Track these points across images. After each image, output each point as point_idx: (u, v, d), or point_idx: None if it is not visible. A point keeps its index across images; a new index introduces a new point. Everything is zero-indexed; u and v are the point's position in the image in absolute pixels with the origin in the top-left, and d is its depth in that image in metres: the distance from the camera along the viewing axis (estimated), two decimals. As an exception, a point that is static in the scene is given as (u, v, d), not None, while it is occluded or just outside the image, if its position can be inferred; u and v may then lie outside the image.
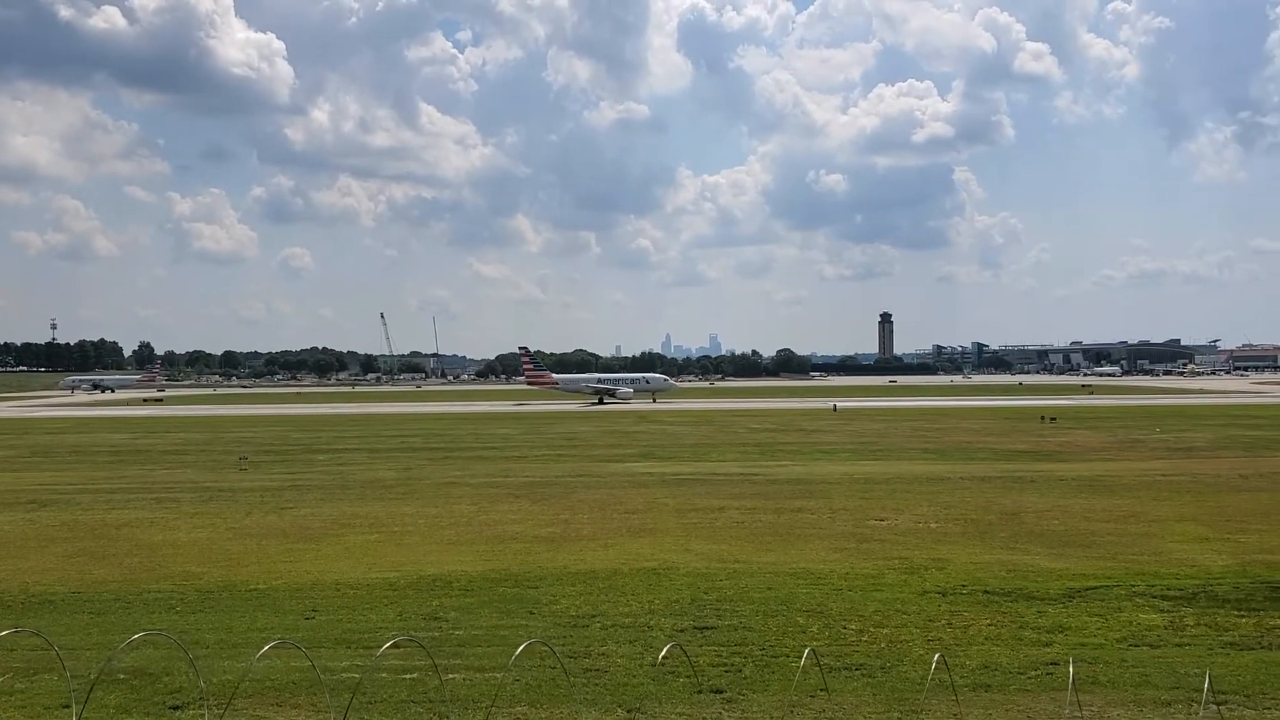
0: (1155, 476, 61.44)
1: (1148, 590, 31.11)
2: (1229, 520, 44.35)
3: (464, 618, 28.93)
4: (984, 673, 23.02)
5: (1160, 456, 74.89)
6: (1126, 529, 42.68)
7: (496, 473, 68.42)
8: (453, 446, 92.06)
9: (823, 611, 28.98)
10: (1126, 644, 25.46)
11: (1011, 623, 27.60)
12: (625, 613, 29.16)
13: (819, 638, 26.14)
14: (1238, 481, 58.44)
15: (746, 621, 27.95)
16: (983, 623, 27.59)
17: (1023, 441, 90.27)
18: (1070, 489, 55.98)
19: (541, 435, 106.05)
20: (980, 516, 46.58)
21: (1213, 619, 27.72)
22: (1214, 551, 37.39)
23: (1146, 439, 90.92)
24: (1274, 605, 29.08)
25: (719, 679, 22.68)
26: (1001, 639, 26.00)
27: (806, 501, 51.86)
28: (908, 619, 28.08)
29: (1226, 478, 60.31)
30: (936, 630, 26.87)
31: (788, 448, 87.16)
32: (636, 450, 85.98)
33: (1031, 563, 35.88)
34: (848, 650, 25.00)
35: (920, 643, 25.51)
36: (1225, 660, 23.95)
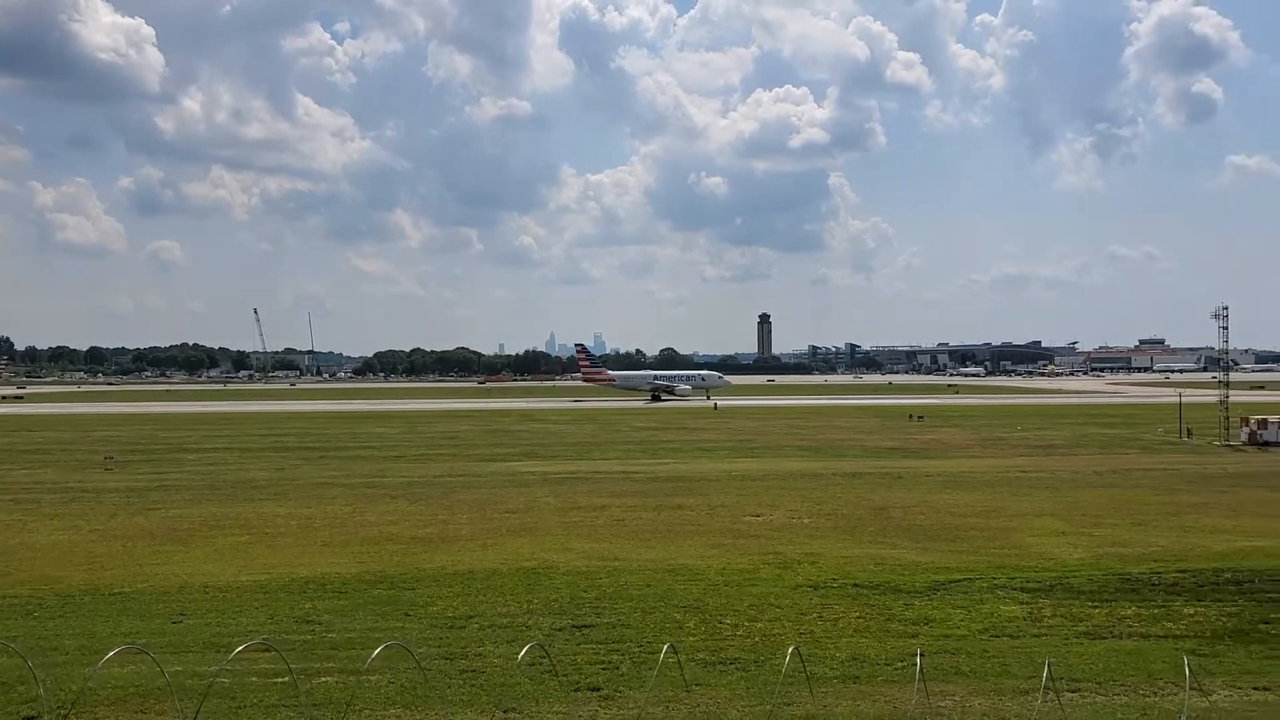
0: (1016, 473, 63.99)
1: (1008, 583, 32.44)
2: (1084, 515, 46.50)
3: (338, 620, 28.47)
4: (852, 664, 23.71)
5: (1021, 454, 77.98)
6: (989, 523, 44.39)
7: (373, 473, 67.33)
8: (328, 446, 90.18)
9: (700, 607, 29.43)
10: (988, 635, 26.52)
11: (879, 615, 28.48)
12: (503, 613, 29.11)
13: (695, 633, 26.57)
14: (1093, 478, 61.28)
15: (625, 619, 28.19)
16: (852, 615, 28.41)
17: (892, 439, 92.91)
18: (936, 485, 57.91)
19: (421, 434, 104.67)
20: (851, 512, 47.85)
21: (1068, 610, 29.06)
22: (1070, 545, 39.17)
23: (1009, 437, 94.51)
24: (1125, 596, 30.62)
25: (596, 676, 22.84)
26: (870, 631, 26.82)
27: (686, 499, 52.47)
28: (781, 613, 28.73)
29: (1083, 474, 63.19)
30: (808, 624, 27.56)
31: (669, 445, 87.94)
32: (518, 449, 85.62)
33: (899, 556, 37.05)
34: (723, 645, 25.45)
35: (792, 636, 26.10)
36: (1079, 649, 25.14)
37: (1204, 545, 38.57)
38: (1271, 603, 29.51)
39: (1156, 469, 66.17)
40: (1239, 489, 55.35)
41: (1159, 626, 27.20)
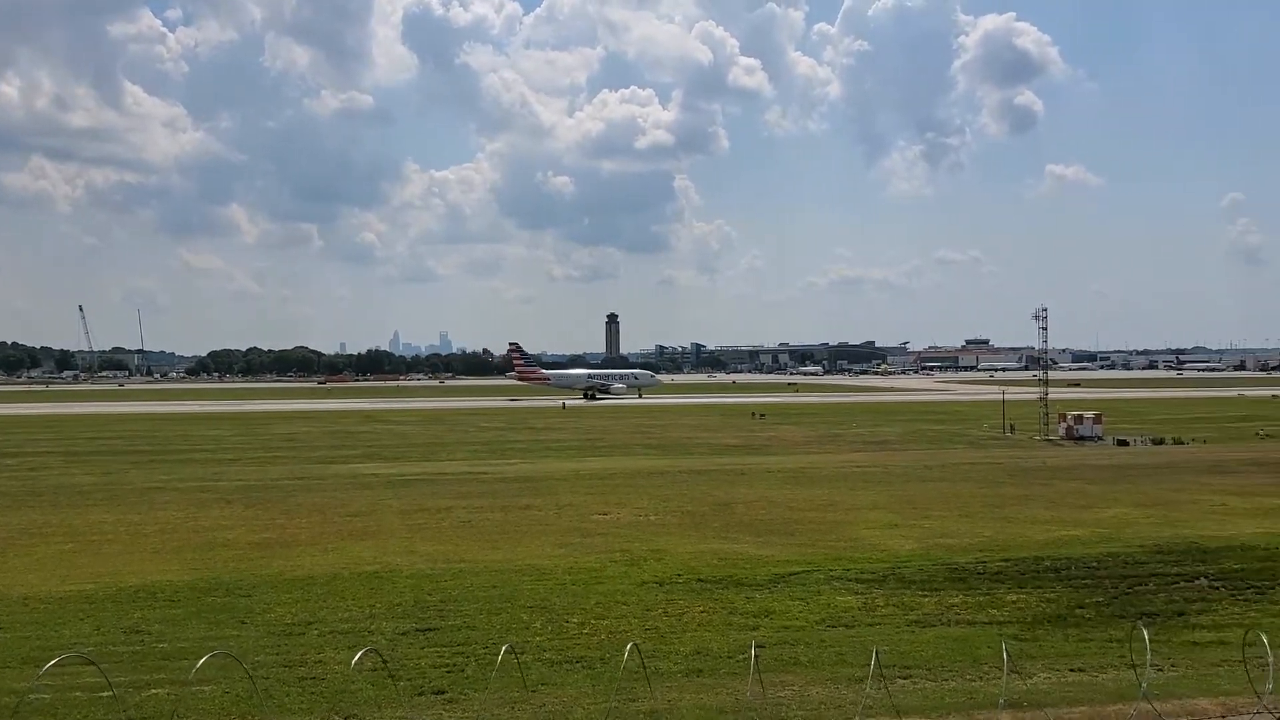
0: (852, 468, 66.24)
1: (844, 574, 33.57)
2: (915, 507, 48.50)
3: (169, 630, 27.33)
4: (696, 658, 24.16)
5: (857, 449, 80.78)
6: (826, 517, 45.82)
7: (207, 476, 64.80)
8: (159, 449, 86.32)
9: (546, 606, 29.45)
10: (825, 625, 27.40)
11: (722, 609, 29.09)
12: (344, 618, 28.49)
13: (541, 633, 26.59)
14: (923, 472, 63.96)
15: (470, 621, 27.99)
16: (696, 610, 28.92)
17: (736, 437, 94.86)
18: (777, 480, 59.44)
19: (258, 436, 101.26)
20: (696, 508, 48.66)
21: (900, 599, 30.28)
22: (902, 537, 40.79)
23: (845, 434, 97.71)
24: (953, 585, 32.08)
25: (440, 679, 22.62)
26: (713, 625, 27.37)
27: (534, 499, 52.37)
28: (627, 610, 29.02)
29: (913, 468, 65.87)
30: (654, 619, 27.93)
31: (517, 446, 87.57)
32: (361, 451, 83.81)
33: (741, 551, 37.89)
34: (569, 644, 25.55)
35: (638, 632, 26.42)
36: (910, 637, 26.23)
37: (1025, 535, 40.71)
38: (1086, 589, 31.39)
39: (982, 463, 69.51)
40: (1057, 481, 58.65)
41: (984, 614, 28.61)
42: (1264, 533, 40.29)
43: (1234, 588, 31.24)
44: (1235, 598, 30.18)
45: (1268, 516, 44.60)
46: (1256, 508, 47.22)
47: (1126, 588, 31.39)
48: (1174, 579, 32.43)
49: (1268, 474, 60.65)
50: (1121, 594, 30.66)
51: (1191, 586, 31.51)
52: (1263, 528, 41.57)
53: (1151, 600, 29.94)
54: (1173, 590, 31.06)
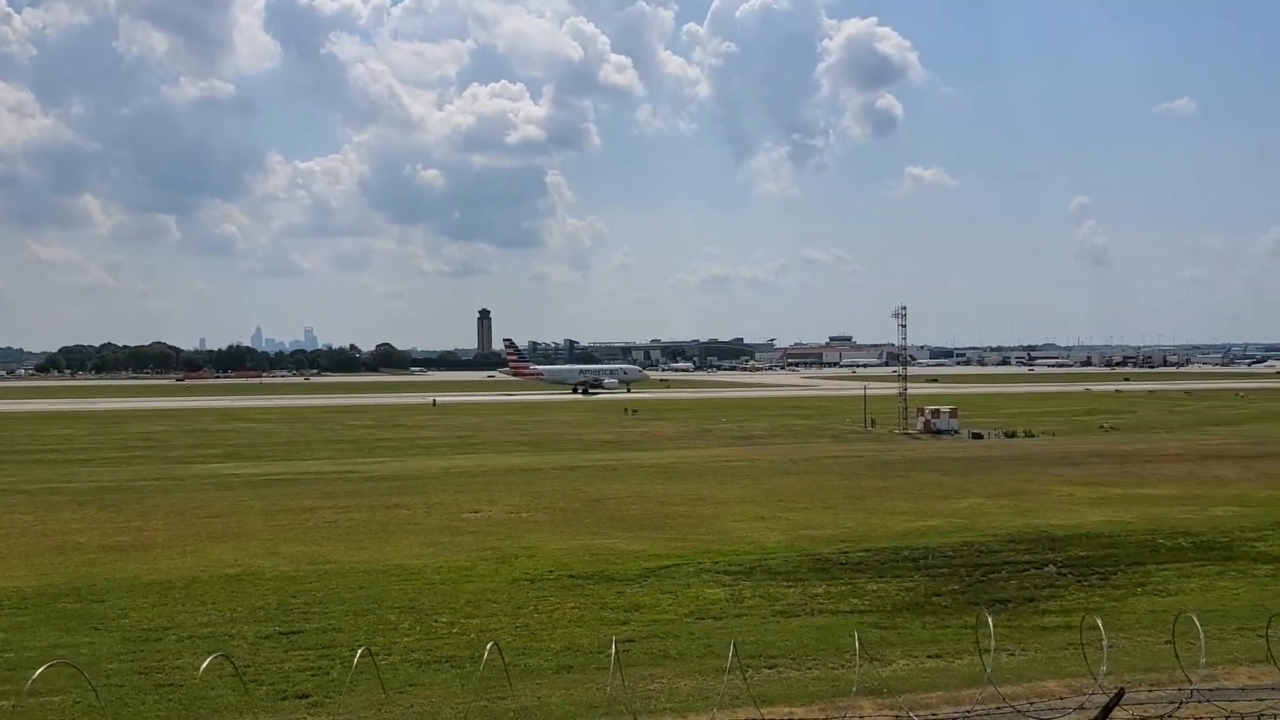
0: (721, 462, 67.31)
1: (713, 567, 34.12)
2: (781, 500, 49.57)
3: (15, 638, 26.03)
4: (567, 654, 24.23)
5: (726, 444, 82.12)
6: (696, 511, 46.48)
7: (58, 478, 61.91)
8: (5, 449, 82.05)
9: (415, 607, 29.10)
10: (694, 618, 27.80)
11: (593, 604, 29.24)
12: (204, 622, 27.62)
13: (410, 633, 26.28)
14: (789, 465, 65.42)
15: (336, 623, 27.45)
16: (567, 606, 29.00)
17: (608, 433, 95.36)
18: (648, 475, 59.98)
19: (113, 436, 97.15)
20: (568, 505, 48.75)
21: (766, 590, 30.93)
22: (768, 529, 41.65)
23: (715, 429, 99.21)
24: (816, 576, 32.92)
25: (305, 683, 22.13)
26: (584, 620, 27.49)
27: (403, 497, 51.64)
28: (498, 608, 28.90)
29: (780, 462, 67.31)
30: (524, 616, 27.89)
31: (386, 444, 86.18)
32: (221, 450, 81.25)
33: (613, 546, 38.13)
34: (438, 643, 25.31)
35: (509, 630, 26.36)
36: (776, 627, 26.82)
37: (885, 526, 42.05)
38: (943, 577, 32.60)
39: (845, 456, 71.46)
40: (915, 473, 60.71)
41: (846, 603, 29.45)
42: (1107, 521, 42.46)
43: (1080, 574, 32.85)
44: (1081, 583, 31.74)
45: (1111, 505, 47.03)
46: (1101, 497, 49.76)
47: (981, 575, 32.73)
48: (1025, 566, 33.93)
49: (1111, 465, 63.94)
50: (976, 581, 31.95)
51: (1041, 573, 33.00)
52: (1106, 516, 43.80)
53: (1004, 587, 31.27)
54: (1023, 577, 32.49)
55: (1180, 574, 32.62)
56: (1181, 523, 41.55)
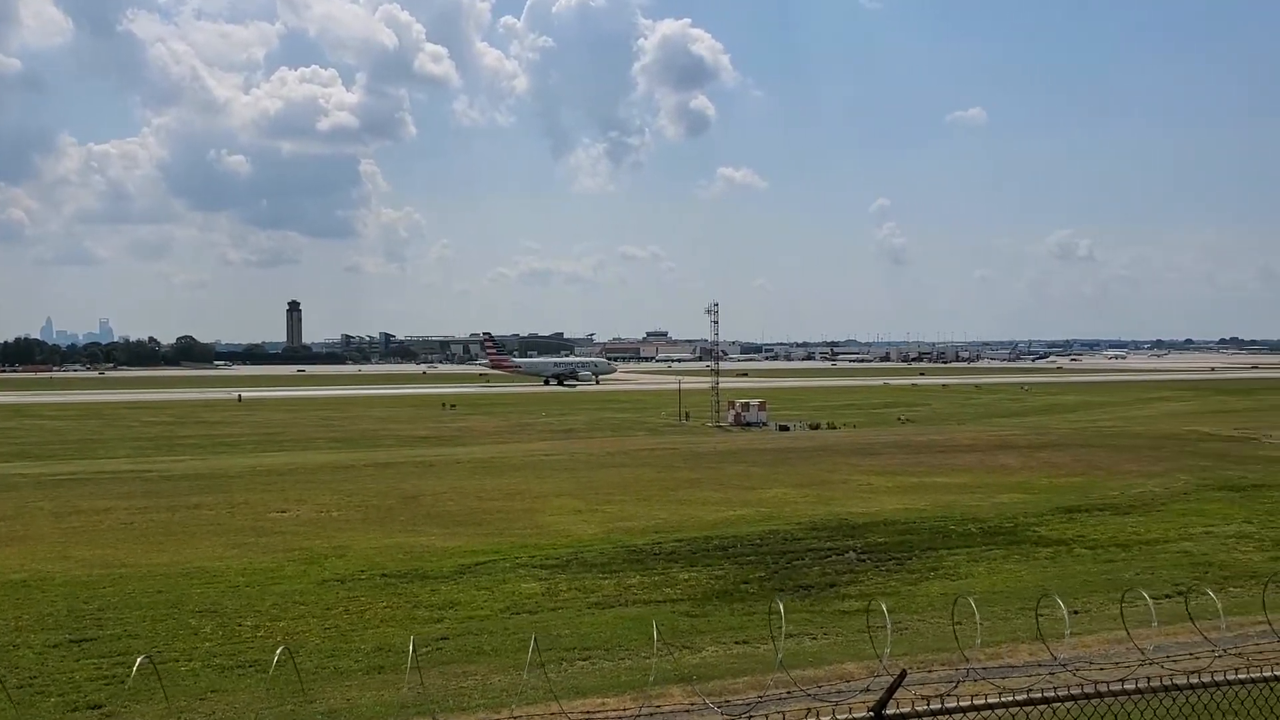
0: (540, 456, 67.43)
1: (529, 561, 34.19)
2: (598, 493, 50.08)
3: None
4: (378, 655, 23.84)
5: (545, 438, 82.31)
6: (513, 506, 46.42)
7: None
8: None
9: (217, 610, 28.02)
10: (509, 613, 27.81)
11: (406, 603, 28.85)
12: (-17, 634, 25.84)
13: (212, 638, 25.30)
14: (606, 458, 66.11)
15: (132, 629, 26.16)
16: (379, 606, 28.52)
17: (425, 428, 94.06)
18: (466, 471, 59.50)
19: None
20: (381, 502, 47.84)
21: (582, 583, 31.23)
22: (585, 522, 42.02)
23: (534, 423, 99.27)
24: (631, 567, 33.45)
25: (97, 693, 21.03)
26: (397, 620, 27.10)
27: (205, 497, 49.53)
28: (306, 610, 28.14)
29: (597, 455, 67.95)
30: (334, 618, 27.26)
31: (187, 441, 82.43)
32: (8, 449, 75.95)
33: (428, 543, 37.68)
34: (242, 648, 24.46)
35: (318, 632, 25.74)
36: (591, 619, 27.12)
37: (697, 516, 43.06)
38: (751, 565, 33.66)
39: (659, 449, 72.74)
40: (725, 465, 62.36)
41: (659, 593, 30.06)
42: (903, 508, 44.74)
43: (878, 560, 34.51)
44: (879, 569, 33.35)
45: (907, 493, 49.55)
46: (898, 485, 52.36)
47: (786, 563, 33.98)
48: (827, 553, 35.41)
49: (907, 454, 67.31)
50: (781, 568, 33.15)
51: (842, 559, 34.52)
52: (902, 504, 46.13)
53: (807, 573, 32.55)
54: (826, 564, 33.91)
55: (970, 558, 34.71)
56: (971, 510, 44.17)
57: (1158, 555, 34.69)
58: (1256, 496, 46.69)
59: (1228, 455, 63.92)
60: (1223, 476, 53.28)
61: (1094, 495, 47.80)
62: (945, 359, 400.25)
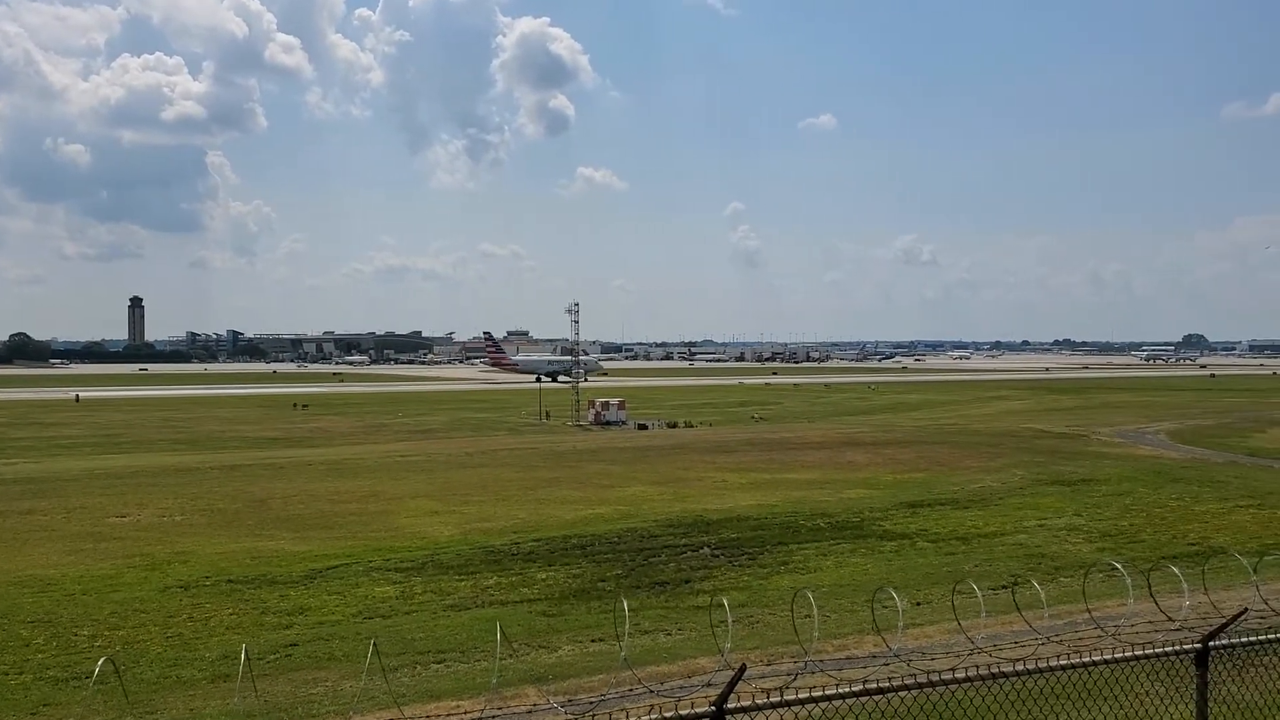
0: (396, 457, 66.34)
1: (384, 564, 33.69)
2: (456, 494, 49.61)
3: None
4: (224, 663, 23.16)
5: (402, 439, 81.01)
6: (368, 508, 45.59)
7: None
8: None
9: (51, 620, 26.74)
10: (362, 617, 27.38)
11: (254, 609, 28.08)
12: None
13: (45, 649, 24.15)
14: (465, 459, 65.50)
15: (-46, 643, 24.74)
16: (225, 613, 27.69)
17: (275, 429, 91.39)
18: (318, 473, 58.08)
19: None
20: (228, 506, 46.34)
21: (438, 585, 30.95)
22: (442, 523, 41.60)
23: (391, 423, 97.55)
24: (488, 568, 33.32)
25: (-85, 713, 19.87)
26: (243, 627, 26.36)
27: (39, 502, 47.05)
28: (147, 618, 27.10)
29: (456, 456, 67.25)
30: (177, 625, 26.34)
31: (20, 443, 78.10)
32: None
33: (277, 548, 36.70)
34: (78, 659, 23.41)
35: (159, 641, 24.84)
36: (447, 621, 26.92)
37: (556, 515, 43.14)
38: (608, 563, 33.95)
39: (520, 448, 72.49)
40: (585, 464, 62.59)
41: (516, 593, 30.05)
42: (756, 505, 45.75)
43: (731, 555, 35.25)
44: (732, 564, 34.08)
45: (759, 490, 50.66)
46: (751, 482, 53.50)
47: (643, 560, 34.39)
48: (683, 549, 35.99)
49: (760, 452, 68.79)
50: (638, 566, 33.54)
51: (697, 555, 35.13)
52: (756, 500, 47.17)
53: (663, 570, 33.02)
54: (681, 560, 34.45)
55: (819, 552, 35.77)
56: (820, 505, 45.49)
57: (995, 548, 36.43)
58: (1085, 491, 49.46)
59: (1059, 452, 67.48)
60: (1055, 472, 56.24)
61: (936, 490, 49.84)
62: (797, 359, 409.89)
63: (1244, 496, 47.06)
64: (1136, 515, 42.48)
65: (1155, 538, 37.92)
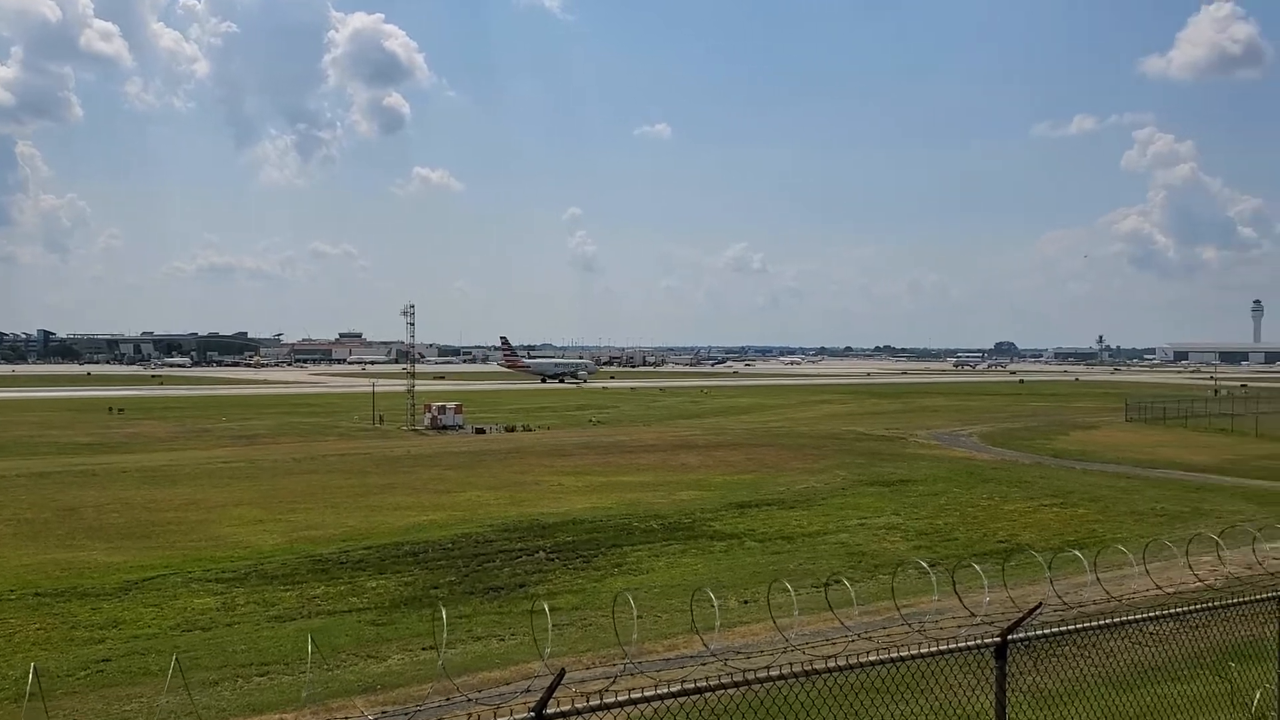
0: (219, 464, 63.87)
1: (204, 575, 32.49)
2: (282, 501, 48.16)
3: None
4: (28, 681, 21.93)
5: (225, 444, 78.00)
6: (188, 517, 43.80)
7: None
8: None
9: None
10: (180, 630, 26.37)
11: (63, 623, 26.70)
12: None
13: None
14: (293, 465, 63.59)
15: None
16: (31, 628, 26.23)
17: (88, 434, 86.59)
18: (134, 480, 55.42)
19: None
20: (35, 515, 43.77)
21: (262, 596, 30.06)
22: (266, 532, 40.35)
23: (214, 428, 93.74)
24: (315, 577, 32.54)
25: None
26: (51, 643, 25.03)
27: None
28: (-59, 637, 25.42)
29: (283, 462, 65.21)
30: (-24, 644, 24.80)
31: None
32: None
33: (89, 559, 34.91)
34: None
35: (-45, 661, 23.33)
36: (271, 633, 26.20)
37: (388, 522, 42.43)
38: (441, 569, 33.64)
39: (351, 454, 70.84)
40: (420, 469, 61.70)
41: (345, 602, 29.47)
42: (591, 507, 46.10)
43: (566, 558, 35.46)
44: (567, 567, 34.28)
45: (595, 493, 51.05)
46: (587, 485, 53.84)
47: (477, 565, 34.22)
48: (518, 554, 35.98)
49: (597, 455, 69.29)
50: (473, 571, 33.36)
51: (532, 560, 35.19)
52: (591, 503, 47.52)
53: (498, 575, 32.95)
54: (516, 565, 34.45)
55: (651, 553, 36.34)
56: (654, 507, 46.17)
57: (819, 546, 37.78)
58: (903, 491, 51.76)
59: (879, 453, 70.35)
60: (875, 473, 58.65)
61: (764, 491, 51.28)
62: (634, 363, 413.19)
63: (1048, 496, 50.13)
64: (951, 514, 44.74)
65: (968, 535, 40.05)
